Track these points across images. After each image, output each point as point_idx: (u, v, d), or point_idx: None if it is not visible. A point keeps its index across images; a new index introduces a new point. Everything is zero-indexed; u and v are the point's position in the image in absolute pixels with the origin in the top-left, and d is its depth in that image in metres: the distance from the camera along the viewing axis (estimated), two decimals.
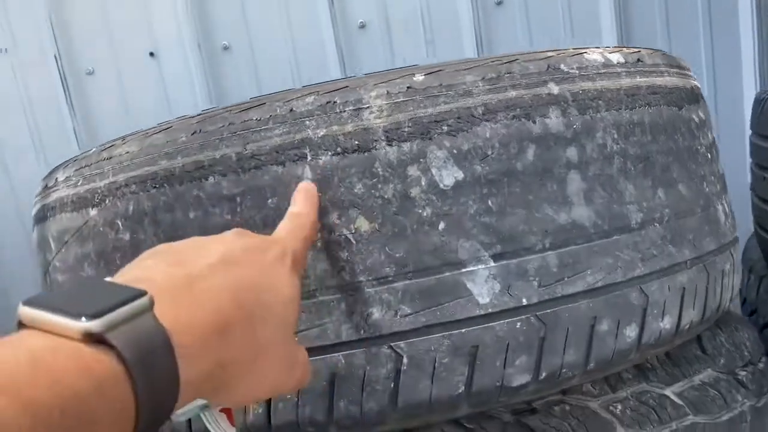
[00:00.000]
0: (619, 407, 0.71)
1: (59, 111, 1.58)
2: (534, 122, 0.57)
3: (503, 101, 0.57)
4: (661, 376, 0.75)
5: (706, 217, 0.67)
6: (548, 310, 0.56)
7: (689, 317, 0.64)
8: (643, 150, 0.62)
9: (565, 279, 0.57)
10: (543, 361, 0.56)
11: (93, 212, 0.62)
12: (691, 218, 0.65)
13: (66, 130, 1.59)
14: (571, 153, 0.58)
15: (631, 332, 0.60)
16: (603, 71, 0.62)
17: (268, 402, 0.56)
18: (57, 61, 1.57)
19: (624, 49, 0.67)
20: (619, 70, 0.64)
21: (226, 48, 1.57)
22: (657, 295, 0.61)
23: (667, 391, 0.74)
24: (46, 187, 0.71)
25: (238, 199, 0.56)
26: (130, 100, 1.60)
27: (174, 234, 0.57)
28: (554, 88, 0.59)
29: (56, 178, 0.69)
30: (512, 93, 0.57)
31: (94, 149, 0.66)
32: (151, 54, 1.58)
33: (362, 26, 1.53)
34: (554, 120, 0.58)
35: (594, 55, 0.63)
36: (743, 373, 0.79)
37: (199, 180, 0.57)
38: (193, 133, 0.58)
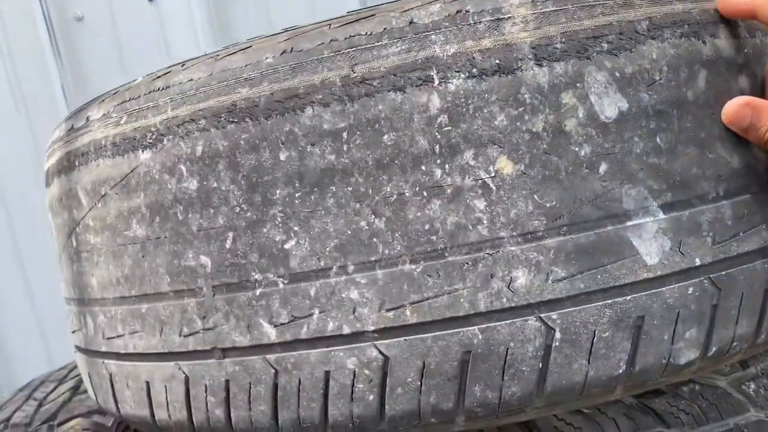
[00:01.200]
0: (752, 386, 0.62)
1: (43, 60, 1.42)
2: (704, 43, 0.46)
3: (670, 15, 0.46)
4: None
5: None
6: (723, 273, 0.46)
7: None
8: None
9: (741, 234, 0.47)
10: (714, 333, 0.46)
11: (145, 156, 0.50)
12: None
13: (51, 81, 1.43)
14: (743, 82, 0.48)
15: None
16: None
17: (382, 386, 0.45)
18: (42, 6, 1.40)
19: None
20: None
21: None
22: None
23: None
24: (71, 130, 0.58)
25: (345, 136, 0.44)
26: (125, 49, 1.45)
27: (260, 180, 0.45)
28: None
29: (88, 117, 0.56)
30: (678, 6, 0.46)
31: (140, 78, 0.53)
32: None
33: None
34: (724, 41, 0.47)
35: None
36: None
37: (293, 112, 0.45)
38: (282, 53, 0.46)
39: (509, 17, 0.44)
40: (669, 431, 0.64)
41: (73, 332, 0.65)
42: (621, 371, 0.45)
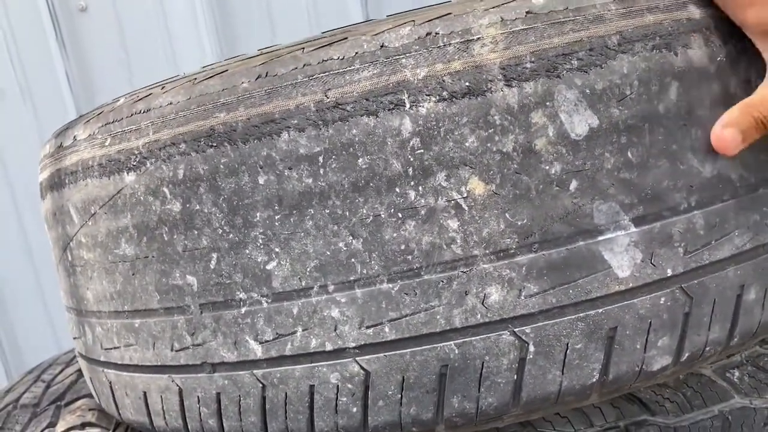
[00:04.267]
0: (737, 374, 0.64)
1: (48, 51, 1.43)
2: (676, 54, 0.47)
3: (641, 28, 0.46)
4: None
5: None
6: (695, 281, 0.47)
7: None
8: None
9: (713, 243, 0.47)
10: (686, 340, 0.48)
11: (129, 178, 0.51)
12: None
13: (56, 72, 1.44)
14: (716, 91, 0.48)
15: None
16: None
17: (364, 399, 0.47)
18: None
19: None
20: None
21: None
22: None
23: None
24: (60, 147, 0.60)
25: (321, 159, 0.45)
26: (129, 40, 1.45)
27: (240, 203, 0.47)
28: (695, 12, 0.48)
29: (75, 136, 0.57)
30: (650, 18, 0.46)
31: (122, 99, 0.54)
32: None
33: None
34: (697, 51, 0.47)
35: None
36: None
37: (270, 136, 0.46)
38: (257, 78, 0.46)
39: (478, 38, 0.44)
40: (654, 419, 0.66)
41: (74, 339, 0.67)
42: (594, 380, 0.47)
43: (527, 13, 0.45)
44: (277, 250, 0.47)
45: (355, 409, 0.47)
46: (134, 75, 1.46)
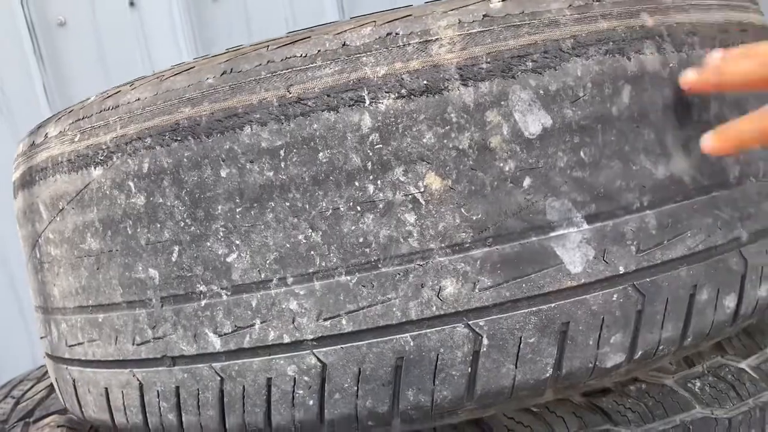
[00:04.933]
0: (698, 384, 0.65)
1: (27, 65, 1.44)
2: (629, 59, 0.48)
3: (594, 33, 0.48)
4: (738, 348, 0.69)
5: None
6: (647, 279, 0.48)
7: None
8: (737, 95, 0.54)
9: (665, 243, 0.49)
10: (639, 337, 0.48)
11: (97, 172, 0.52)
12: None
13: (34, 87, 1.45)
14: (668, 96, 0.50)
15: (730, 302, 0.52)
16: (695, 3, 0.54)
17: (321, 392, 0.48)
18: (23, 9, 1.42)
19: None
20: (710, 2, 0.55)
21: None
22: (756, 259, 0.53)
23: (743, 365, 0.67)
24: (32, 146, 0.60)
25: (282, 153, 0.46)
26: (107, 54, 1.46)
27: (203, 196, 0.48)
28: (648, 20, 0.50)
29: (46, 134, 0.58)
30: (603, 24, 0.48)
31: (92, 97, 0.55)
32: (131, 4, 1.44)
33: None
34: (650, 57, 0.49)
35: None
36: None
37: (233, 130, 0.47)
38: (222, 74, 0.48)
39: (437, 39, 0.46)
40: (617, 428, 0.66)
41: (41, 338, 0.67)
42: (548, 375, 0.47)
43: (484, 16, 0.46)
44: (237, 242, 0.47)
45: (311, 402, 0.48)
46: None
